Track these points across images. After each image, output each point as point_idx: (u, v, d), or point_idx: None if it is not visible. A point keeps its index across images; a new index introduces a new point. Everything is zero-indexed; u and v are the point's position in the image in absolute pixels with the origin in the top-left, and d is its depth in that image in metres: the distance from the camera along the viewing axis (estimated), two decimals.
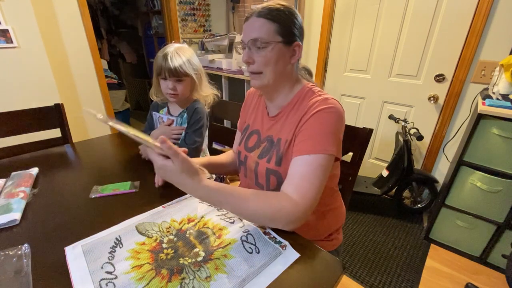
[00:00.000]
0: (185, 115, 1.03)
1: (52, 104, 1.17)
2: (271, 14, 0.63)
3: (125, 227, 0.61)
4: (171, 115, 1.06)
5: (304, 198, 0.57)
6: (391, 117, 1.83)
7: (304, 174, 0.59)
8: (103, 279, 0.48)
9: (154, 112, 1.11)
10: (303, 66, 0.77)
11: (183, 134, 1.02)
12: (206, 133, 1.08)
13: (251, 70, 0.68)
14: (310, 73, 0.79)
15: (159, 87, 1.00)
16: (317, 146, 0.60)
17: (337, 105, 0.63)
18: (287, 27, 0.64)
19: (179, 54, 0.93)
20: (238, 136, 0.90)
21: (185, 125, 1.03)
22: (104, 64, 2.87)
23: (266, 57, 0.64)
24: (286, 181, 0.61)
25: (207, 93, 1.05)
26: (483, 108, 1.19)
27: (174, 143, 0.96)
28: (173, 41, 0.98)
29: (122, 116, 2.95)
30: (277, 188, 0.67)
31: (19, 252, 0.53)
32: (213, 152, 1.28)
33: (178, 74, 0.92)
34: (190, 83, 0.99)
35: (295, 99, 0.70)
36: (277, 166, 0.69)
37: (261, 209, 0.57)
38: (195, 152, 1.01)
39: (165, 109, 1.08)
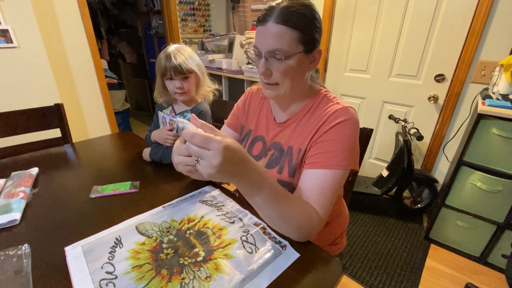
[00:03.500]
0: (188, 115, 1.03)
1: (52, 104, 1.17)
2: (293, 21, 0.55)
3: (125, 227, 0.61)
4: (176, 113, 1.08)
5: (326, 215, 0.58)
6: (391, 117, 1.83)
7: (324, 189, 0.58)
8: (103, 279, 0.48)
9: (159, 112, 1.13)
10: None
11: None
12: None
13: (267, 81, 0.62)
14: (317, 71, 0.75)
15: (163, 89, 1.02)
16: (338, 161, 0.58)
17: (355, 115, 0.62)
18: (309, 33, 0.58)
19: (181, 52, 0.96)
20: (225, 132, 0.83)
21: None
22: (104, 64, 2.87)
23: (286, 69, 0.59)
24: (306, 194, 0.58)
25: (210, 88, 1.08)
26: (483, 108, 1.19)
27: (169, 147, 0.96)
28: (171, 43, 1.00)
29: (122, 116, 2.94)
30: None
31: (19, 252, 0.53)
32: None
33: (183, 71, 0.94)
34: (195, 79, 1.01)
35: (309, 105, 0.67)
36: (291, 177, 0.66)
37: (297, 212, 0.54)
38: None
39: (169, 108, 1.10)
